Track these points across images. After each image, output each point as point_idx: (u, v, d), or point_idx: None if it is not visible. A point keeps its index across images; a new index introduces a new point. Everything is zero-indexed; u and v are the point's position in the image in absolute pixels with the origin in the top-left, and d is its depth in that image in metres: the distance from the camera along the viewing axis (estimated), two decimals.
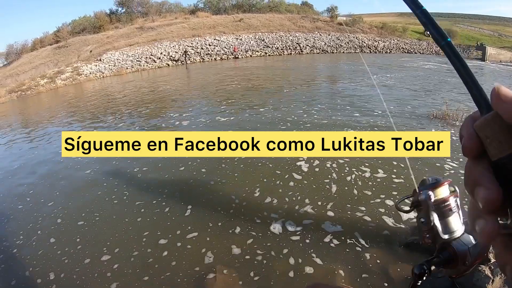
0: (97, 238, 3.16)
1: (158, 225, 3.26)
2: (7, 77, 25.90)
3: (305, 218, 3.17)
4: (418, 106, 7.45)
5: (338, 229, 2.97)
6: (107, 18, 33.47)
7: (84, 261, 2.82)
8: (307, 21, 32.22)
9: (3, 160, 6.37)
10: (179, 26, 29.69)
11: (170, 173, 4.54)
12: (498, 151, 0.26)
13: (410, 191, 0.76)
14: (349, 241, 2.78)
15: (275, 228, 3.06)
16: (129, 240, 3.05)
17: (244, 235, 2.98)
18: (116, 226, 3.33)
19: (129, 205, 3.75)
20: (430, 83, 10.85)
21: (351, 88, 10.00)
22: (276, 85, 11.46)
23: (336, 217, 3.16)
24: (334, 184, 3.83)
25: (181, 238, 3.01)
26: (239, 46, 26.45)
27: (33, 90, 20.24)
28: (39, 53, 29.05)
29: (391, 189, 3.62)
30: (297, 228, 3.02)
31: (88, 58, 25.16)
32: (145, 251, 2.87)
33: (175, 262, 2.69)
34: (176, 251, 2.84)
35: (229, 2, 35.83)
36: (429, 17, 0.38)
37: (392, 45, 29.54)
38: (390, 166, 4.14)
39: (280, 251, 2.74)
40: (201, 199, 3.73)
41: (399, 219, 3.01)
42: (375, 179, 3.87)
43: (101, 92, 15.08)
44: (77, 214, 3.67)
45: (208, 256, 2.73)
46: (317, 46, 27.71)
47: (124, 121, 8.16)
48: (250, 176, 4.23)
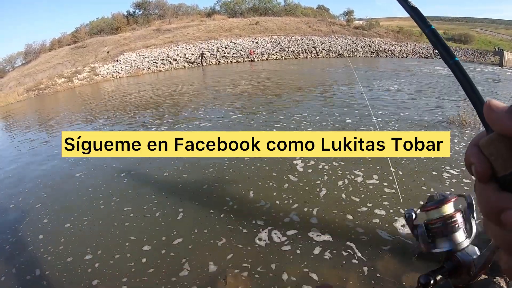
0: (82, 239, 3.18)
1: (145, 230, 3.20)
2: (25, 75, 26.38)
3: (292, 228, 3.02)
4: (433, 110, 7.20)
5: (327, 238, 2.84)
6: (124, 19, 33.83)
7: (66, 259, 2.89)
8: (323, 25, 31.94)
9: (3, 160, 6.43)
10: (196, 29, 29.79)
11: (161, 175, 4.48)
12: (503, 168, 0.27)
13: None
14: (344, 253, 2.65)
15: (266, 236, 2.94)
16: (114, 244, 3.03)
17: (228, 245, 2.84)
18: (102, 229, 3.30)
19: (116, 210, 3.67)
20: (450, 90, 10.41)
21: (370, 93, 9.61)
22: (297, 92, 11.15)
23: (325, 224, 3.04)
24: (325, 188, 3.75)
25: (166, 245, 2.94)
26: (255, 49, 26.31)
27: (50, 89, 20.52)
28: (57, 53, 29.50)
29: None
30: (284, 238, 2.88)
31: (105, 59, 25.41)
32: (126, 256, 2.84)
33: (154, 269, 2.64)
34: (158, 258, 2.77)
35: (245, 5, 35.86)
36: (437, 36, 0.39)
37: (409, 50, 28.97)
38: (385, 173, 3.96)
39: (269, 260, 2.62)
40: (193, 203, 3.64)
41: (394, 231, 2.87)
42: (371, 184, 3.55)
43: (117, 92, 15.13)
44: (65, 216, 3.67)
45: (186, 267, 2.62)
46: (333, 50, 27.34)
47: (138, 121, 8.10)
48: (245, 178, 4.16)
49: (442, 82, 11.54)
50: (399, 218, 2.98)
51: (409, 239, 2.72)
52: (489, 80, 12.21)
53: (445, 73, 14.63)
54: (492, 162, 0.28)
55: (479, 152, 0.29)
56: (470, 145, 0.30)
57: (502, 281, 2.04)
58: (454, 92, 9.24)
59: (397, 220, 2.98)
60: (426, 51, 28.78)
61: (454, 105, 7.48)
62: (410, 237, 2.72)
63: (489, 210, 0.27)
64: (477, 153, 0.29)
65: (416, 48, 29.54)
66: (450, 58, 0.37)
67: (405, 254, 2.57)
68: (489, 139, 0.28)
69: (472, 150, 0.29)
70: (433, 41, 0.39)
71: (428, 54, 27.95)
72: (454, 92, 9.14)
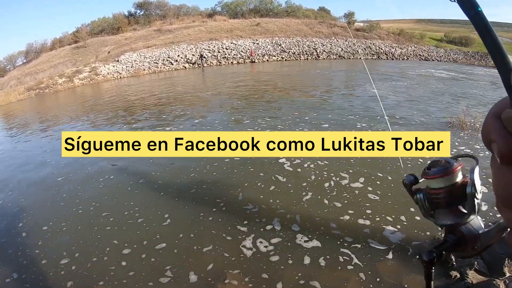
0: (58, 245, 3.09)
1: (127, 234, 3.11)
2: (26, 75, 26.37)
3: (276, 237, 2.92)
4: (435, 112, 7.17)
5: (316, 244, 2.76)
6: (126, 19, 33.85)
7: (41, 261, 2.84)
8: (324, 27, 31.96)
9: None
10: (197, 29, 29.80)
11: (147, 178, 4.38)
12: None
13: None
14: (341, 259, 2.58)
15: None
16: (93, 248, 2.95)
17: (214, 253, 2.74)
18: (81, 233, 3.22)
19: (96, 214, 3.56)
20: (452, 91, 10.41)
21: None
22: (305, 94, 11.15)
23: (313, 229, 2.95)
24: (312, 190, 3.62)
25: (147, 249, 2.86)
26: (256, 50, 26.31)
27: (51, 88, 20.51)
28: (58, 52, 29.50)
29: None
30: (270, 246, 2.79)
31: (106, 59, 25.42)
32: (104, 259, 2.77)
33: (133, 273, 2.57)
34: (138, 262, 2.69)
35: (246, 7, 35.87)
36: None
37: (409, 52, 28.98)
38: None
39: (258, 271, 2.52)
40: (180, 207, 3.54)
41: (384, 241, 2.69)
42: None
43: (117, 91, 15.12)
44: (43, 220, 3.57)
45: (168, 274, 2.53)
46: (334, 52, 27.35)
47: (139, 121, 8.09)
48: (235, 179, 4.09)
49: (442, 84, 11.57)
50: (387, 226, 2.92)
51: (405, 242, 2.68)
52: (490, 83, 12.19)
53: (445, 75, 14.67)
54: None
55: (503, 127, 0.24)
56: (491, 117, 0.26)
57: (501, 283, 2.07)
58: (456, 94, 9.25)
59: (391, 225, 2.96)
60: (426, 53, 28.82)
61: (456, 108, 7.48)
62: (406, 240, 2.72)
63: (508, 195, 0.24)
64: (500, 129, 0.24)
65: (417, 50, 29.54)
66: (472, 8, 0.31)
67: (403, 255, 2.53)
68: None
69: (494, 124, 0.25)
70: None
71: (429, 57, 28.02)
72: (454, 94, 9.16)
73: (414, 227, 2.84)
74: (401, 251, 2.59)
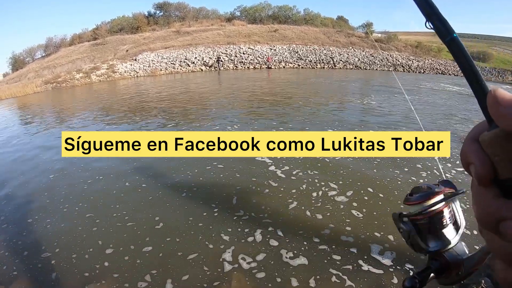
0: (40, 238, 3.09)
1: (113, 235, 3.07)
2: (44, 68, 26.81)
3: (260, 252, 2.79)
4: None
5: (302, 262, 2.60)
6: (145, 19, 34.32)
7: (23, 253, 2.85)
8: (342, 36, 31.85)
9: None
10: (215, 33, 29.97)
11: (135, 180, 4.31)
12: (507, 171, 0.23)
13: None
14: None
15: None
16: (75, 244, 2.93)
17: (189, 264, 2.62)
18: (65, 229, 3.21)
19: (79, 215, 3.51)
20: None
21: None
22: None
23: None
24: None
25: (134, 251, 2.81)
26: (273, 57, 26.27)
27: (68, 83, 20.74)
28: (76, 48, 29.98)
29: None
30: (252, 262, 2.65)
31: (124, 57, 25.67)
32: (85, 257, 2.74)
33: (118, 275, 2.51)
34: (121, 265, 2.62)
35: (265, 13, 36.05)
36: (431, 4, 0.34)
37: (426, 65, 28.74)
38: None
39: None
40: (172, 209, 3.52)
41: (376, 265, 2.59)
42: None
43: (134, 90, 15.15)
44: (30, 213, 3.59)
45: (146, 279, 2.45)
46: (351, 61, 27.20)
47: (153, 121, 7.97)
48: (230, 181, 4.07)
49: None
50: (372, 245, 2.71)
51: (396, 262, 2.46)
52: None
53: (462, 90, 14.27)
54: (495, 163, 0.24)
55: (480, 149, 0.25)
56: (469, 140, 0.26)
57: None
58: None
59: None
60: (443, 67, 28.50)
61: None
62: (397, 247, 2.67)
63: (487, 217, 0.24)
64: (477, 151, 0.25)
65: (434, 64, 29.28)
66: (448, 34, 0.31)
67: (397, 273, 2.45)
68: (494, 135, 0.23)
69: (471, 146, 0.25)
70: (427, 11, 0.32)
71: (446, 71, 27.67)
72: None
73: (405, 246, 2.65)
74: (395, 267, 2.52)
